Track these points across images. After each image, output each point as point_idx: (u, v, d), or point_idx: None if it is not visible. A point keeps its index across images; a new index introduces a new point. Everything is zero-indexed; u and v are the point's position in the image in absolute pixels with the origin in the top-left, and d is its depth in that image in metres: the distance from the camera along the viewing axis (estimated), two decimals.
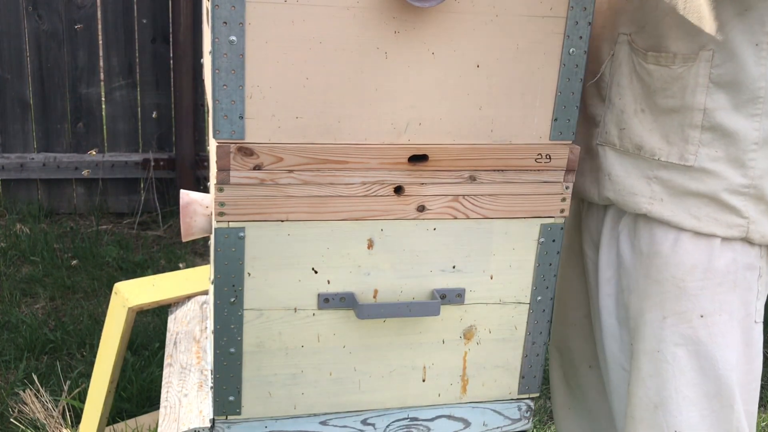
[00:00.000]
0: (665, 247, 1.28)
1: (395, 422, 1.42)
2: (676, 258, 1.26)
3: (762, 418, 2.53)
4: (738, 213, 1.24)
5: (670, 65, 1.24)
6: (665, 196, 1.27)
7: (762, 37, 1.17)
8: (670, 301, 1.27)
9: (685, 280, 1.26)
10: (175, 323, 1.79)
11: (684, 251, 1.26)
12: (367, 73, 1.18)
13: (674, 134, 1.25)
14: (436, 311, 1.31)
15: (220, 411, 1.32)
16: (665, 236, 1.28)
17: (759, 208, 1.24)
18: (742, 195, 1.23)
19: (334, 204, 1.24)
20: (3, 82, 3.64)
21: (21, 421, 2.28)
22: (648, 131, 1.28)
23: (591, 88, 1.38)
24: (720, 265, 1.25)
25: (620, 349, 1.41)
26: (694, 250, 1.25)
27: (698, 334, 1.26)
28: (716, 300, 1.25)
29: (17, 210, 3.76)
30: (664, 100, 1.25)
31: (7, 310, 2.94)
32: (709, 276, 1.25)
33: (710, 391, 1.27)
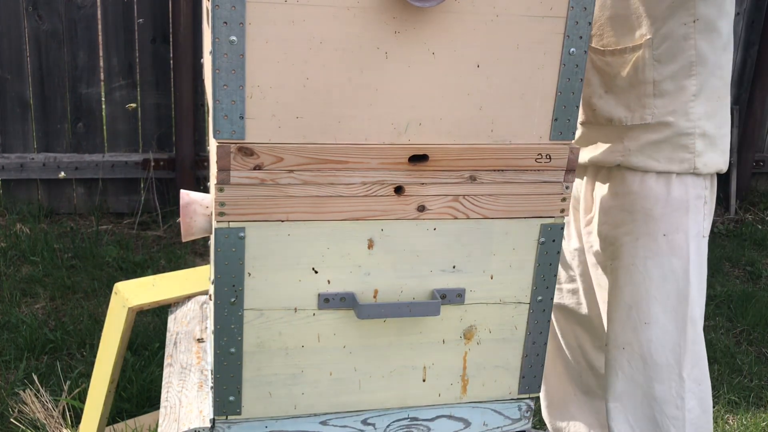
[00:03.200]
0: (634, 186, 1.65)
1: (395, 422, 1.42)
2: (643, 193, 1.64)
3: (762, 418, 2.53)
4: (686, 149, 1.61)
5: (622, 54, 1.62)
6: (633, 148, 1.64)
7: (687, 18, 1.55)
8: (640, 225, 1.65)
9: (651, 209, 1.64)
10: (175, 323, 1.79)
11: (648, 188, 1.64)
12: (367, 73, 1.19)
13: (634, 104, 1.63)
14: (436, 311, 1.31)
15: (220, 411, 1.32)
16: (633, 178, 1.65)
17: (701, 143, 1.61)
18: (688, 135, 1.60)
19: (335, 204, 1.24)
20: (3, 82, 3.64)
21: (21, 421, 2.28)
22: (614, 107, 1.66)
23: None
24: (675, 196, 1.63)
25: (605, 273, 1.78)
26: (656, 186, 1.63)
27: (662, 248, 1.64)
28: (674, 222, 1.63)
29: (17, 210, 3.76)
30: (622, 81, 1.63)
31: (7, 310, 2.94)
32: (668, 204, 1.63)
33: (671, 290, 1.64)
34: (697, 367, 1.67)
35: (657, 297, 1.65)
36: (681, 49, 1.58)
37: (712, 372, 2.79)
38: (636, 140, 1.64)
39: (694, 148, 1.61)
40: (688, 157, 1.61)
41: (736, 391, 2.68)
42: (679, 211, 1.63)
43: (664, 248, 1.63)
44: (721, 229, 4.20)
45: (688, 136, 1.60)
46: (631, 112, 1.63)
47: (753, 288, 3.52)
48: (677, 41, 1.57)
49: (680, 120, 1.60)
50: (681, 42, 1.57)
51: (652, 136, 1.62)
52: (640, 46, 1.59)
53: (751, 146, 4.44)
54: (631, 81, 1.62)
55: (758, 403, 2.64)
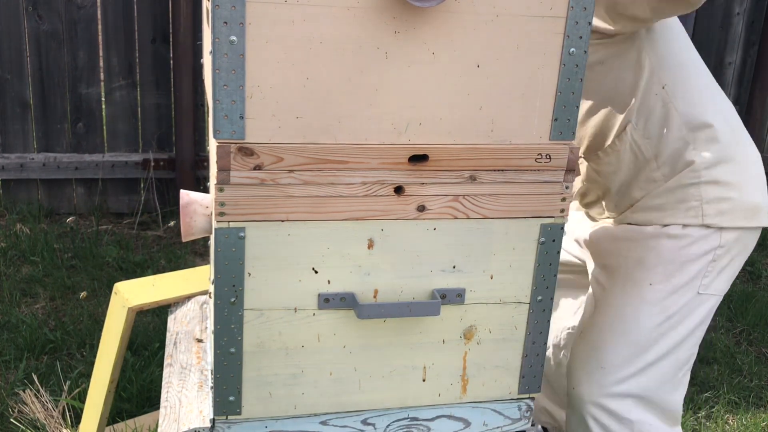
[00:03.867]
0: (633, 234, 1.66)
1: (395, 422, 1.42)
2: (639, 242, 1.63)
3: (762, 418, 2.53)
4: (693, 197, 1.57)
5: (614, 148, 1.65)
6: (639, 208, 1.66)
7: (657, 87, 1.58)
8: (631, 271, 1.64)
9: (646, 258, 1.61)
10: (175, 323, 1.79)
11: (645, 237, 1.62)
12: (367, 73, 1.19)
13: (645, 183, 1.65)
14: (437, 311, 1.31)
15: (220, 411, 1.32)
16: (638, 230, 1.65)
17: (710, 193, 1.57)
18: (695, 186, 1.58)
19: (335, 204, 1.24)
20: (3, 82, 3.64)
21: (21, 421, 2.28)
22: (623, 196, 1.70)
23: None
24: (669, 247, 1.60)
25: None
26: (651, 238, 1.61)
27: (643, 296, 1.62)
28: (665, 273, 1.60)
29: (17, 210, 3.76)
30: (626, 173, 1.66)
31: (7, 310, 2.94)
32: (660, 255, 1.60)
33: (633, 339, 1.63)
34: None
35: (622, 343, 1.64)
36: (663, 116, 1.58)
37: (712, 372, 2.79)
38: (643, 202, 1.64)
39: (700, 195, 1.57)
40: (695, 204, 1.58)
41: (736, 391, 2.67)
42: (673, 264, 1.59)
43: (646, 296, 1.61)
44: None
45: (694, 186, 1.58)
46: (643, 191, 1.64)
47: (753, 288, 3.52)
48: (655, 111, 1.59)
49: (684, 170, 1.58)
50: (659, 110, 1.58)
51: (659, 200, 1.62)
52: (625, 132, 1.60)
53: None
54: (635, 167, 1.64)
55: (758, 403, 2.64)
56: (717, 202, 1.57)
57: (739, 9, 4.22)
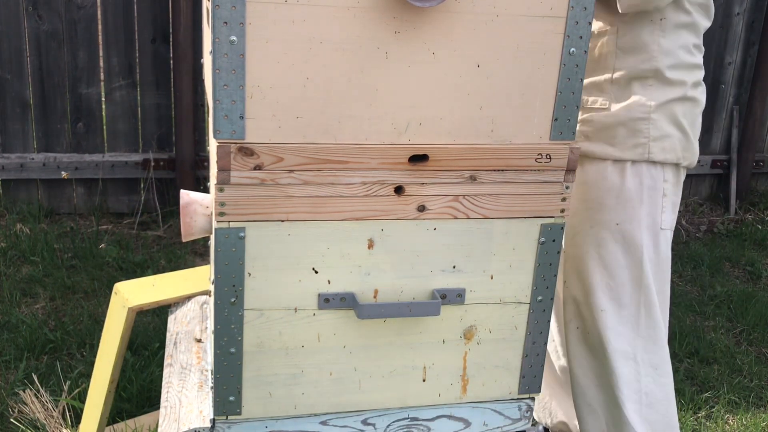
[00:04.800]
0: (591, 176, 1.71)
1: (395, 422, 1.42)
2: (597, 183, 1.70)
3: (762, 418, 2.53)
4: (641, 134, 1.64)
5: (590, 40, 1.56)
6: (590, 133, 1.69)
7: (656, 16, 1.60)
8: (594, 214, 1.71)
9: (605, 198, 1.69)
10: (175, 323, 1.79)
11: (603, 178, 1.68)
12: (367, 73, 1.19)
13: (592, 88, 1.69)
14: (437, 311, 1.31)
15: (220, 411, 1.32)
16: (590, 168, 1.71)
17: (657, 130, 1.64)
18: (642, 120, 1.64)
19: (335, 204, 1.24)
20: (3, 82, 3.64)
21: (21, 421, 2.28)
22: None
23: None
24: (629, 186, 1.67)
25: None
26: (610, 176, 1.68)
27: (615, 237, 1.69)
28: (627, 212, 1.67)
29: (17, 210, 3.76)
30: (588, 65, 1.65)
31: (7, 310, 2.94)
32: (621, 194, 1.67)
33: (624, 278, 1.70)
34: (653, 353, 1.73)
35: (611, 285, 1.70)
36: (644, 44, 1.62)
37: (712, 372, 2.78)
38: (592, 125, 1.68)
39: (648, 133, 1.64)
40: (643, 142, 1.64)
41: (736, 391, 2.67)
42: (633, 202, 1.67)
43: (618, 237, 1.68)
44: (721, 229, 4.20)
45: (643, 120, 1.64)
46: (588, 95, 1.68)
47: (753, 288, 3.52)
48: (641, 34, 1.62)
49: (635, 104, 1.64)
50: (645, 36, 1.62)
51: (606, 120, 1.66)
52: (606, 33, 1.65)
53: (751, 146, 4.44)
54: (594, 66, 1.67)
55: (758, 403, 2.64)
56: (661, 140, 1.65)
57: (739, 9, 4.22)
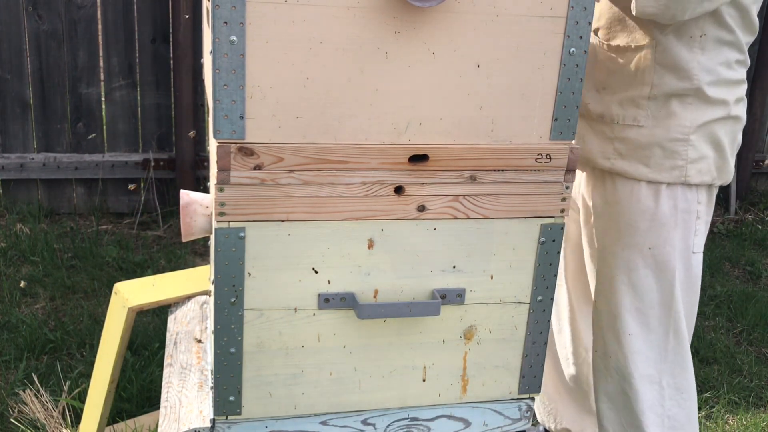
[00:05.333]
0: (623, 196, 1.64)
1: (395, 422, 1.42)
2: (631, 205, 1.63)
3: (762, 418, 2.53)
4: (678, 156, 1.58)
5: (625, 51, 1.59)
6: (624, 151, 1.62)
7: (696, 32, 1.53)
8: (626, 237, 1.65)
9: (637, 221, 1.63)
10: (175, 323, 1.79)
11: (636, 200, 1.62)
12: (367, 73, 1.18)
13: (628, 103, 1.61)
14: (437, 311, 1.31)
15: (220, 411, 1.32)
16: (623, 188, 1.64)
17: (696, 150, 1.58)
18: (681, 141, 1.57)
19: (335, 204, 1.24)
20: (3, 82, 3.64)
21: (21, 421, 2.28)
22: (608, 103, 1.63)
23: None
24: (664, 209, 1.61)
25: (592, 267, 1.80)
26: (644, 199, 1.62)
27: (647, 261, 1.64)
28: (661, 236, 1.62)
29: (17, 210, 3.76)
30: (621, 78, 1.60)
31: (7, 310, 2.94)
32: (655, 218, 1.61)
33: (654, 303, 1.66)
34: (680, 377, 1.69)
35: (641, 309, 1.66)
36: (684, 61, 1.54)
37: (712, 372, 2.78)
38: (626, 143, 1.61)
39: (687, 155, 1.58)
40: (680, 164, 1.58)
41: (736, 391, 2.67)
42: (667, 226, 1.61)
43: (650, 262, 1.63)
44: (721, 229, 4.20)
45: (681, 142, 1.57)
46: (623, 110, 1.60)
47: (753, 288, 3.52)
48: (680, 51, 1.54)
49: (673, 124, 1.57)
50: (684, 53, 1.54)
51: (643, 138, 1.59)
52: (644, 46, 1.56)
53: (751, 146, 4.44)
54: (631, 80, 1.59)
55: (758, 403, 2.64)
56: (698, 162, 1.58)
57: None
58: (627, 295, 1.66)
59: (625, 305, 1.66)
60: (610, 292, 1.69)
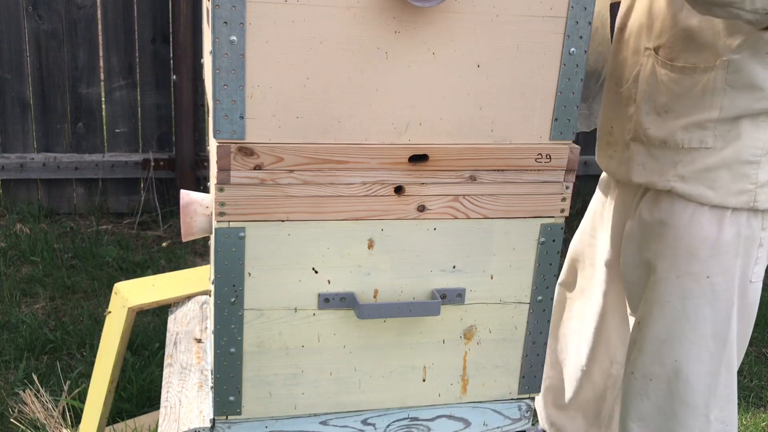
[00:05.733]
0: (683, 220, 1.53)
1: (395, 422, 1.42)
2: (692, 230, 1.52)
3: (762, 418, 2.53)
4: (748, 179, 1.47)
5: (692, 74, 1.47)
6: (687, 174, 1.51)
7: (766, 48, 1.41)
8: (683, 263, 1.53)
9: (698, 249, 1.51)
10: (175, 323, 1.79)
11: (698, 225, 1.51)
12: (367, 73, 1.18)
13: (694, 126, 1.49)
14: (437, 311, 1.31)
15: (220, 411, 1.32)
16: (684, 211, 1.53)
17: (765, 174, 1.48)
18: (752, 164, 1.47)
19: (335, 204, 1.24)
20: (3, 82, 3.64)
21: (21, 421, 2.28)
22: (671, 128, 1.52)
23: (626, 92, 1.63)
24: (727, 238, 1.50)
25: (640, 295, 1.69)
26: (707, 225, 1.50)
27: (704, 290, 1.53)
28: (721, 265, 1.51)
29: (17, 210, 3.76)
30: (687, 101, 1.48)
31: (7, 310, 2.94)
32: (717, 246, 1.51)
33: (707, 333, 1.55)
34: (726, 410, 1.61)
35: (692, 338, 1.55)
36: (760, 80, 1.43)
37: None
38: (691, 165, 1.50)
39: (756, 178, 1.48)
40: (749, 188, 1.48)
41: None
42: (728, 254, 1.51)
43: (706, 291, 1.53)
44: None
45: (752, 164, 1.47)
46: (689, 133, 1.49)
47: None
48: (753, 69, 1.43)
49: (744, 145, 1.47)
50: (759, 71, 1.43)
51: (710, 160, 1.48)
52: (714, 67, 1.44)
53: None
54: (697, 103, 1.48)
55: (758, 403, 2.64)
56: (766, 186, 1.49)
57: None
58: (678, 324, 1.56)
59: (675, 333, 1.57)
60: (659, 318, 1.58)
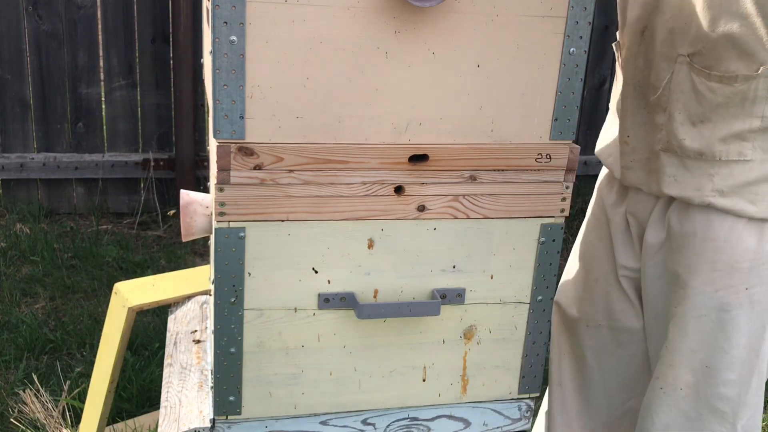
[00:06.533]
0: (721, 233, 1.46)
1: (395, 422, 1.42)
2: (731, 243, 1.45)
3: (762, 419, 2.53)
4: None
5: (732, 83, 1.39)
6: (725, 187, 1.44)
7: None
8: (722, 277, 1.47)
9: (739, 262, 1.45)
10: (175, 323, 1.79)
11: (737, 238, 1.45)
12: (367, 73, 1.19)
13: (732, 138, 1.42)
14: (437, 311, 1.31)
15: (220, 411, 1.32)
16: (721, 224, 1.46)
17: None
18: None
19: (335, 204, 1.24)
20: (3, 82, 3.64)
21: (21, 421, 2.28)
22: (708, 139, 1.44)
23: (654, 100, 1.54)
24: (766, 248, 1.45)
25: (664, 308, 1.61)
26: (747, 237, 1.45)
27: (742, 301, 1.47)
28: (761, 275, 1.46)
29: (17, 210, 3.76)
30: (725, 111, 1.41)
31: (7, 310, 2.94)
32: (758, 257, 1.45)
33: (741, 343, 1.50)
34: (752, 419, 1.59)
35: (726, 348, 1.51)
36: None
37: None
38: (729, 179, 1.44)
39: None
40: None
41: None
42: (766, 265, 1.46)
43: (744, 302, 1.49)
44: None
45: None
46: (727, 145, 1.42)
47: None
48: None
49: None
50: None
51: (750, 174, 1.43)
52: (756, 76, 1.37)
53: None
54: (736, 113, 1.41)
55: None
56: None
57: None
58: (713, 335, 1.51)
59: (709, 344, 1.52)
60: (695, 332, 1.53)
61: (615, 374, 1.77)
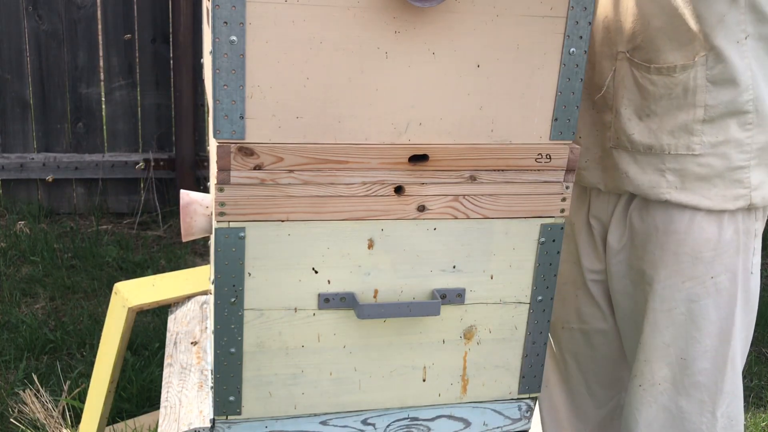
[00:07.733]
0: (682, 225, 1.49)
1: (395, 422, 1.42)
2: (692, 235, 1.49)
3: (762, 418, 2.53)
4: (741, 184, 1.45)
5: (671, 74, 1.43)
6: (679, 183, 1.47)
7: (740, 35, 1.38)
8: (687, 268, 1.50)
9: (701, 252, 1.49)
10: (175, 323, 1.79)
11: (698, 229, 1.48)
12: (367, 73, 1.19)
13: (679, 130, 1.44)
14: (437, 311, 1.31)
15: (220, 411, 1.32)
16: (681, 216, 1.49)
17: (758, 175, 1.46)
18: (742, 169, 1.44)
19: (335, 204, 1.24)
20: (3, 82, 3.64)
21: (21, 421, 2.28)
22: (655, 132, 1.47)
23: (600, 99, 1.57)
24: (727, 236, 1.48)
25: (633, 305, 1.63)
26: (707, 227, 1.48)
27: (708, 291, 1.51)
28: (724, 263, 1.49)
29: (17, 210, 3.76)
30: (668, 102, 1.44)
31: (7, 310, 2.94)
32: (720, 246, 1.48)
33: (712, 331, 1.53)
34: (732, 406, 1.60)
35: (698, 338, 1.54)
36: (737, 71, 1.39)
37: None
38: (681, 174, 1.47)
39: (749, 182, 1.46)
40: (743, 193, 1.46)
41: None
42: (729, 252, 1.49)
43: (711, 291, 1.51)
44: None
45: (743, 169, 1.45)
46: (675, 138, 1.45)
47: None
48: (731, 61, 1.39)
49: (733, 151, 1.44)
50: (737, 61, 1.39)
51: (701, 170, 1.45)
52: (693, 65, 1.40)
53: None
54: (679, 104, 1.43)
55: (758, 403, 2.64)
56: (762, 187, 1.48)
57: None
58: (684, 327, 1.54)
59: (681, 336, 1.55)
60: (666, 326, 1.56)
61: (594, 374, 1.80)
